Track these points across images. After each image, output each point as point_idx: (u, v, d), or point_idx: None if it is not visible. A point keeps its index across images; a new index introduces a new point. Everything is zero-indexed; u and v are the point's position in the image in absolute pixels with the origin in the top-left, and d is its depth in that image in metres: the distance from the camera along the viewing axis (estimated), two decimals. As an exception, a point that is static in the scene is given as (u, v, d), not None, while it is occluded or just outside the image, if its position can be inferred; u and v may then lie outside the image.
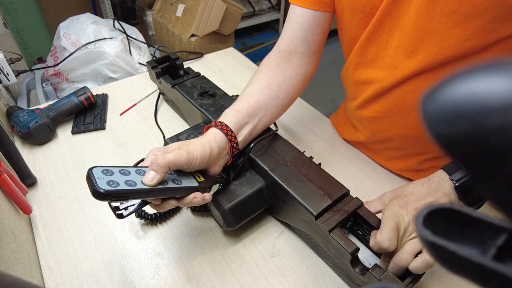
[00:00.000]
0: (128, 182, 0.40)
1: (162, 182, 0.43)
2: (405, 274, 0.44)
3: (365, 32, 0.56)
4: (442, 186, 0.48)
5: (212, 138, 0.50)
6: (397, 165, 0.69)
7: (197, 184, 0.47)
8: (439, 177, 0.49)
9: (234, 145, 0.53)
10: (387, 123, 0.62)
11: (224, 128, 0.52)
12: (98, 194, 0.37)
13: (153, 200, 0.44)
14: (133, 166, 0.44)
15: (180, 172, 0.47)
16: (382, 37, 0.55)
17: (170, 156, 0.43)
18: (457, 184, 0.47)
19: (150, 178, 0.41)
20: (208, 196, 0.48)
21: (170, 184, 0.43)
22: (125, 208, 0.44)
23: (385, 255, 0.46)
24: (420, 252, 0.43)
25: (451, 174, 0.48)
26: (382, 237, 0.44)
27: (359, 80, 0.63)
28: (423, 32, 0.49)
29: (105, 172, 0.40)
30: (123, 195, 0.39)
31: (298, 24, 0.61)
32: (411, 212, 0.46)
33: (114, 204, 0.43)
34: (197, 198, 0.46)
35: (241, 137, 0.54)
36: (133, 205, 0.44)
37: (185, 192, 0.45)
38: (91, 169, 0.39)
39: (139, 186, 0.41)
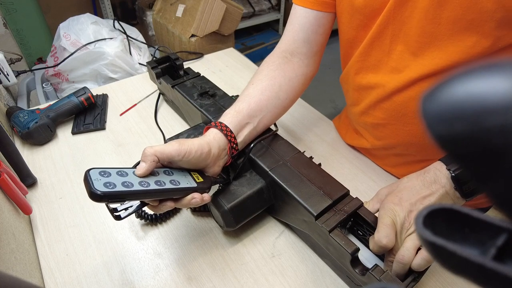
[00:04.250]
0: (125, 184, 0.40)
1: (159, 183, 0.42)
2: (406, 274, 0.44)
3: (367, 37, 0.56)
4: (438, 177, 0.48)
5: (212, 139, 0.50)
6: (401, 171, 0.68)
7: (195, 185, 0.47)
8: (435, 167, 0.49)
9: (234, 145, 0.53)
10: (390, 130, 0.61)
11: (224, 129, 0.52)
12: (95, 196, 0.37)
13: (150, 202, 0.44)
14: (131, 168, 0.44)
15: (178, 172, 0.47)
16: (385, 42, 0.54)
17: (157, 146, 0.45)
18: (453, 174, 0.47)
19: (139, 168, 0.42)
20: (207, 197, 0.48)
21: (168, 185, 0.43)
22: (124, 209, 0.44)
23: (388, 256, 0.46)
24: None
25: (448, 164, 0.48)
26: (379, 235, 0.44)
27: (361, 85, 0.62)
28: (429, 37, 0.49)
29: (102, 173, 0.39)
30: (120, 197, 0.39)
31: (300, 24, 0.61)
32: (406, 207, 0.46)
33: (112, 205, 0.43)
34: (195, 199, 0.45)
35: (241, 137, 0.54)
36: (131, 206, 0.44)
37: (183, 193, 0.45)
38: (88, 171, 0.39)
39: (136, 187, 0.40)
